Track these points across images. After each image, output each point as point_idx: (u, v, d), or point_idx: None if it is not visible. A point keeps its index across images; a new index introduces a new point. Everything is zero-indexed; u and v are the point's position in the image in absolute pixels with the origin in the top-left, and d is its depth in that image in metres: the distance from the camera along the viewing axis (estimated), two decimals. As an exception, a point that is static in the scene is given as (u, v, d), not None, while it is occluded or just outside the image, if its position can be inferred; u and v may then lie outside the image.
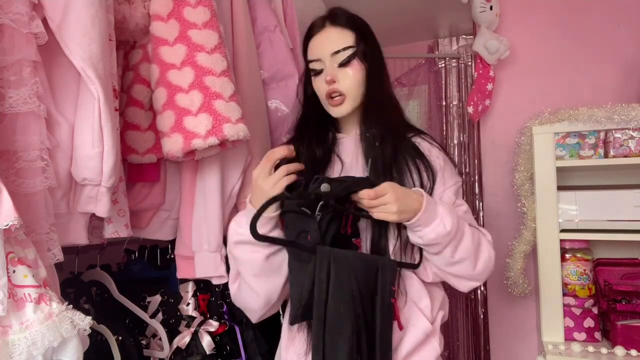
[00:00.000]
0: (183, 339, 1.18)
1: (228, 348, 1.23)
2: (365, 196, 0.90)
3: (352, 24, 1.05)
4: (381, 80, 1.09)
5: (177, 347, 1.18)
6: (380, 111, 1.07)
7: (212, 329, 1.21)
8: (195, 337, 1.19)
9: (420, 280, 1.02)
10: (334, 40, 1.03)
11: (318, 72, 1.06)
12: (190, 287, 1.24)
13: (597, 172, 1.79)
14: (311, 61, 1.06)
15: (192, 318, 1.22)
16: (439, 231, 0.93)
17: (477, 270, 1.00)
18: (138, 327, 1.24)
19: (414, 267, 1.00)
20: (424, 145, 1.08)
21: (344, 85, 1.03)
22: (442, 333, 1.05)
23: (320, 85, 1.06)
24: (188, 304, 1.23)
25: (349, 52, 1.03)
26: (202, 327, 1.20)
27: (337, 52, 1.03)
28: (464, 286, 1.03)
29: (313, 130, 1.10)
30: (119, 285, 1.21)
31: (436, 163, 1.05)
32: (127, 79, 1.09)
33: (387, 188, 0.91)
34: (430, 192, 1.03)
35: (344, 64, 1.03)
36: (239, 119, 1.02)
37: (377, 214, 0.91)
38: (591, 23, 1.95)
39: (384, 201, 0.90)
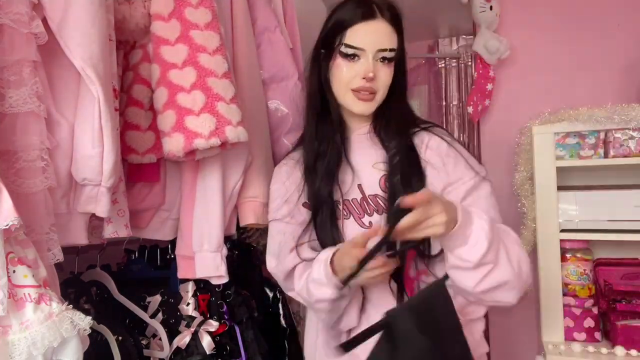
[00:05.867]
0: (183, 339, 1.18)
1: (228, 348, 1.23)
2: (413, 218, 0.77)
3: (398, 24, 1.01)
4: (404, 85, 1.07)
5: (177, 347, 1.18)
6: (397, 114, 1.04)
7: (212, 329, 1.20)
8: (195, 337, 1.19)
9: None
10: (385, 37, 0.99)
11: (351, 58, 0.99)
12: (190, 287, 1.24)
13: (597, 172, 1.79)
14: (350, 46, 0.98)
15: (192, 318, 1.22)
16: (481, 236, 0.82)
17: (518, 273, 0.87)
18: (138, 327, 1.23)
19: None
20: (431, 141, 1.02)
21: (379, 83, 0.99)
22: None
23: (350, 74, 0.99)
24: (188, 304, 1.23)
25: (392, 54, 1.00)
26: (202, 327, 1.20)
27: (384, 50, 0.98)
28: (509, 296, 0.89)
29: (329, 125, 1.05)
30: (119, 285, 1.21)
31: (436, 160, 1.00)
32: (127, 79, 1.09)
33: (429, 194, 0.79)
34: None
35: (383, 63, 0.99)
36: (240, 122, 1.02)
37: (425, 231, 0.79)
38: (591, 23, 1.95)
39: (433, 212, 0.78)
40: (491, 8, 1.98)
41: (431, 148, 1.02)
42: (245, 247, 1.57)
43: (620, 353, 1.47)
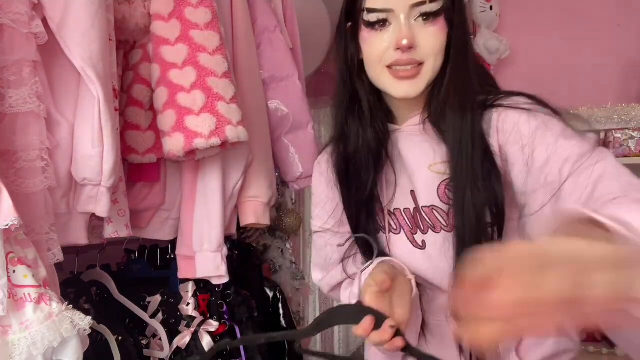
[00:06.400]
0: (183, 339, 1.18)
1: (228, 348, 1.23)
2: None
3: None
4: (466, 46, 0.77)
5: (177, 347, 1.18)
6: (458, 90, 0.75)
7: (212, 329, 1.21)
8: (195, 337, 1.19)
9: None
10: None
11: (380, 26, 0.73)
12: (190, 287, 1.24)
13: (597, 172, 1.79)
14: (372, 10, 0.73)
15: (192, 318, 1.22)
16: None
17: None
18: (138, 327, 1.23)
19: None
20: (500, 121, 0.74)
21: (423, 51, 0.73)
22: None
23: (380, 48, 0.74)
24: (188, 304, 1.23)
25: (437, 5, 0.72)
26: (202, 327, 1.20)
27: (422, 2, 0.71)
28: None
29: (369, 120, 0.80)
30: (119, 285, 1.21)
31: (512, 147, 0.72)
32: (127, 79, 1.09)
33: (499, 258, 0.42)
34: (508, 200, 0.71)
35: (427, 21, 0.72)
36: (240, 121, 1.02)
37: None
38: (591, 23, 1.95)
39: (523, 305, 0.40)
40: (491, 8, 1.99)
41: (504, 131, 0.73)
42: (245, 247, 1.57)
43: (620, 353, 1.48)
